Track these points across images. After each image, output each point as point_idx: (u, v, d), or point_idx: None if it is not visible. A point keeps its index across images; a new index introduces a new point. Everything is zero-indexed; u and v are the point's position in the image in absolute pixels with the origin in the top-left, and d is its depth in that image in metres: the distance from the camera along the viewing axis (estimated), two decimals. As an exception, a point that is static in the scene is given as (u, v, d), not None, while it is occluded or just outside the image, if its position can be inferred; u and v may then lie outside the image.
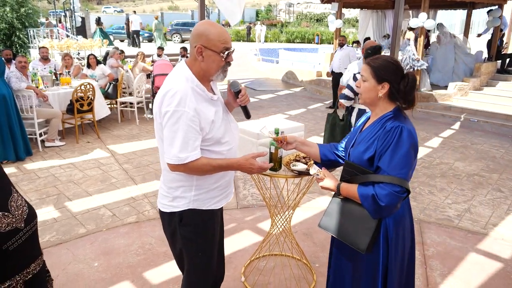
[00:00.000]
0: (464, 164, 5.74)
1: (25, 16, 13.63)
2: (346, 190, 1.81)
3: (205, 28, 1.79)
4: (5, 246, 1.28)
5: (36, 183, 4.70)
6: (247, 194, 4.50)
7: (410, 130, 1.72)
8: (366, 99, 1.86)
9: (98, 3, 46.82)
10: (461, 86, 9.75)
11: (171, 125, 1.74)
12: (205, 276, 2.10)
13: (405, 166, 1.68)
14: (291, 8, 40.49)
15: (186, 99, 1.74)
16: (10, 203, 1.35)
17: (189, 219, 1.95)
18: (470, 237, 3.73)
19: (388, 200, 1.64)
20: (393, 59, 1.83)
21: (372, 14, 13.44)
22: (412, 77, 1.79)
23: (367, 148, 1.77)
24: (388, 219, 1.77)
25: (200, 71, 1.85)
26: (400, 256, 1.82)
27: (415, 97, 1.82)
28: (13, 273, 1.33)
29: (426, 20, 8.83)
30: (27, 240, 1.37)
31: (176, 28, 27.53)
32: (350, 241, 1.82)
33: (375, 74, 1.79)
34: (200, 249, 2.01)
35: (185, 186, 1.91)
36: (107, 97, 7.71)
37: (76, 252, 3.28)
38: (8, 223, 1.31)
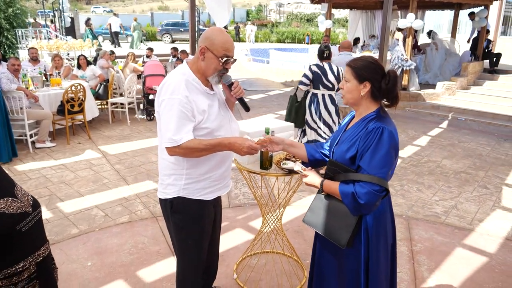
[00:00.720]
0: (451, 162, 5.86)
1: (13, 17, 13.46)
2: (328, 187, 1.88)
3: (213, 33, 1.99)
4: (19, 226, 1.46)
5: (27, 184, 4.70)
6: (239, 193, 4.55)
7: (391, 131, 1.77)
8: (350, 99, 1.92)
9: (87, 3, 46.43)
10: (449, 85, 9.92)
11: (167, 112, 1.90)
12: (193, 262, 2.20)
13: (385, 166, 1.74)
14: (281, 8, 40.61)
15: (180, 88, 1.91)
16: (16, 191, 1.54)
17: (179, 207, 2.07)
18: (456, 233, 3.82)
19: (367, 198, 1.71)
20: (373, 59, 1.89)
21: (361, 15, 13.58)
22: (393, 75, 1.84)
23: (350, 147, 1.83)
24: (369, 216, 1.83)
25: (200, 69, 2.02)
26: (382, 252, 1.88)
27: (398, 94, 1.88)
28: (26, 254, 1.49)
29: (414, 21, 8.96)
30: (35, 224, 1.54)
31: (166, 28, 27.43)
32: (331, 237, 1.90)
33: (356, 75, 1.85)
34: (188, 237, 2.12)
35: (176, 174, 2.04)
36: (98, 98, 7.70)
37: (69, 252, 3.30)
38: (18, 207, 1.49)
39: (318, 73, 4.84)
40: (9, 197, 1.48)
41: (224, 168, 2.16)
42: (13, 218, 1.44)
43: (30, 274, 1.50)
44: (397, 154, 1.83)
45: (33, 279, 1.51)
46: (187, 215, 2.09)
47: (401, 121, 8.28)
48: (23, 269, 1.46)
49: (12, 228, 1.43)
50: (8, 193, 1.49)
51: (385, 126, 1.77)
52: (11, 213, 1.45)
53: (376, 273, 1.86)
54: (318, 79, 4.85)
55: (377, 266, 1.87)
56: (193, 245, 2.16)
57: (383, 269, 1.90)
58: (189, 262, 2.21)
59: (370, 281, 1.86)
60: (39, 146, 6.00)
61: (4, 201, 1.45)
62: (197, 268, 2.25)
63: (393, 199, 4.51)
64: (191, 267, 2.22)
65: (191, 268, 2.23)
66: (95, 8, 41.59)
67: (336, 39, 26.53)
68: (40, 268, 1.54)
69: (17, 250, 1.45)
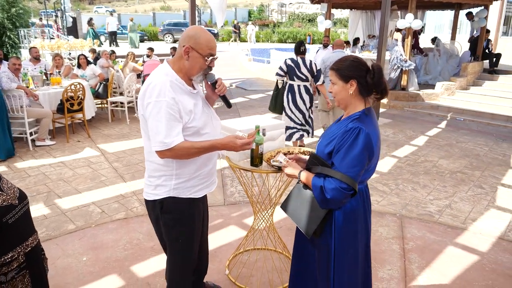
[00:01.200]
0: (448, 161, 5.89)
1: (16, 16, 13.57)
2: (304, 178, 1.95)
3: (196, 32, 1.97)
4: (5, 219, 1.50)
5: (27, 181, 4.76)
6: (234, 191, 4.59)
7: (368, 133, 1.81)
8: (340, 100, 1.97)
9: (90, 3, 46.58)
10: (448, 85, 9.93)
11: (154, 115, 1.88)
12: (186, 262, 2.22)
13: (356, 166, 1.79)
14: (283, 9, 40.62)
15: (165, 90, 1.89)
16: (2, 185, 1.57)
17: (169, 207, 2.07)
18: (449, 232, 3.86)
19: (333, 194, 1.78)
20: (354, 57, 1.94)
21: (361, 15, 13.61)
22: (377, 68, 1.89)
23: (329, 143, 1.89)
24: (338, 211, 1.89)
25: (183, 68, 2.00)
26: (351, 248, 1.93)
27: (386, 86, 1.93)
28: (14, 245, 1.53)
29: (413, 21, 8.98)
30: (22, 215, 1.59)
31: (168, 28, 27.54)
32: (299, 224, 1.98)
33: (340, 76, 1.91)
34: (180, 236, 2.13)
35: (166, 175, 2.04)
36: (98, 96, 7.77)
37: (65, 247, 3.35)
38: (4, 200, 1.53)
39: (292, 66, 5.46)
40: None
41: (211, 165, 2.20)
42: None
43: (20, 264, 1.54)
44: (372, 156, 1.86)
45: (22, 268, 1.56)
46: (178, 215, 2.11)
47: (399, 121, 8.30)
48: (12, 260, 1.51)
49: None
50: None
51: (362, 127, 1.81)
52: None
53: (341, 268, 1.92)
54: (292, 72, 5.47)
55: (342, 262, 1.92)
56: (185, 244, 2.18)
57: (351, 266, 1.95)
58: (181, 261, 2.23)
59: (335, 274, 1.92)
60: (39, 144, 6.06)
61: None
62: (189, 267, 2.28)
63: (388, 198, 4.54)
64: (183, 266, 2.25)
65: (183, 268, 2.25)
66: (97, 8, 41.72)
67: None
68: (29, 258, 1.59)
69: (4, 241, 1.49)
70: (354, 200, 1.89)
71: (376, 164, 1.97)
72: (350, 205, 1.89)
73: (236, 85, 12.29)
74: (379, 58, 7.74)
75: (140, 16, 37.34)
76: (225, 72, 14.66)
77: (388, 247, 3.53)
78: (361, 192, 1.94)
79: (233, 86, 12.26)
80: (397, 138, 7.06)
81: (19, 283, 1.55)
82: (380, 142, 2.00)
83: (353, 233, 1.92)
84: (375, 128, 1.90)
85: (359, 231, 1.94)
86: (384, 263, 3.28)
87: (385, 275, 3.12)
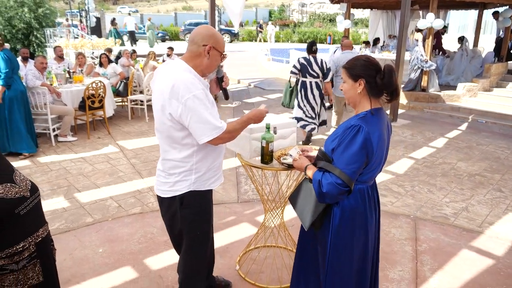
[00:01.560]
0: (466, 164, 5.78)
1: (43, 16, 14.01)
2: (308, 172, 1.99)
3: (214, 32, 2.11)
4: (17, 210, 1.58)
5: (48, 175, 4.93)
6: (248, 189, 4.64)
7: (368, 132, 1.82)
8: (349, 99, 2.00)
9: (114, 3, 47.52)
10: (470, 87, 9.72)
11: (196, 109, 1.94)
12: (201, 256, 2.32)
13: (353, 163, 1.82)
14: (304, 8, 40.44)
15: (196, 84, 1.99)
16: (15, 177, 1.65)
17: (189, 201, 2.17)
18: (464, 235, 3.80)
19: (329, 188, 1.82)
20: (367, 57, 1.96)
21: (382, 15, 13.45)
22: (389, 70, 1.89)
23: (333, 140, 1.93)
24: (336, 208, 1.93)
25: (200, 66, 2.09)
26: (347, 247, 1.95)
27: (398, 88, 1.93)
28: (25, 235, 1.60)
29: (435, 21, 8.83)
30: (33, 207, 1.66)
31: (189, 28, 27.83)
32: (300, 216, 2.05)
33: (350, 74, 1.94)
34: (198, 229, 2.24)
35: (186, 170, 2.13)
36: (118, 95, 7.95)
37: (83, 239, 3.47)
38: (16, 192, 1.60)
39: (304, 65, 5.94)
40: (8, 183, 1.59)
41: (221, 158, 2.32)
42: (12, 203, 1.55)
43: (30, 254, 1.62)
44: (371, 155, 1.86)
45: (33, 258, 1.63)
46: (197, 208, 2.20)
47: (418, 122, 8.19)
48: (23, 249, 1.58)
49: (11, 212, 1.55)
50: (7, 179, 1.61)
51: (363, 125, 1.83)
52: (10, 198, 1.56)
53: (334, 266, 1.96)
54: (304, 70, 5.96)
55: (336, 260, 1.95)
56: (202, 237, 2.27)
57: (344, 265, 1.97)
58: (198, 256, 2.31)
59: (328, 270, 1.96)
60: (61, 140, 6.26)
61: (3, 187, 1.56)
62: (204, 262, 2.37)
63: (402, 200, 4.51)
64: (199, 261, 2.33)
65: (199, 262, 2.34)
66: (121, 8, 42.53)
67: (359, 39, 26.25)
68: (39, 248, 1.66)
69: (17, 232, 1.57)
70: (353, 199, 1.92)
71: (379, 165, 1.97)
72: (349, 203, 1.92)
73: (254, 85, 12.35)
74: (398, 58, 7.65)
75: (162, 16, 37.86)
76: (244, 72, 14.74)
77: (400, 248, 3.50)
78: (362, 192, 1.95)
79: (252, 86, 12.32)
80: (415, 139, 6.97)
81: (30, 271, 1.62)
82: (386, 143, 1.99)
83: (349, 232, 1.94)
84: (379, 128, 1.89)
85: (356, 231, 1.95)
86: (395, 264, 3.26)
87: (395, 276, 3.11)
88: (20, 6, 13.35)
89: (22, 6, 13.38)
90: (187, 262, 2.34)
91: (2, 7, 13.16)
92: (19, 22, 13.28)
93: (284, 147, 2.75)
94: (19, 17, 13.30)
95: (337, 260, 1.96)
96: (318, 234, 2.04)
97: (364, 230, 1.98)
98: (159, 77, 2.09)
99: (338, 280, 1.98)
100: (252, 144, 2.70)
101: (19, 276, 1.59)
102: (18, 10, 13.25)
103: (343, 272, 1.98)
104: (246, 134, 2.67)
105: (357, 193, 1.92)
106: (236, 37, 30.75)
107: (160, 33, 29.00)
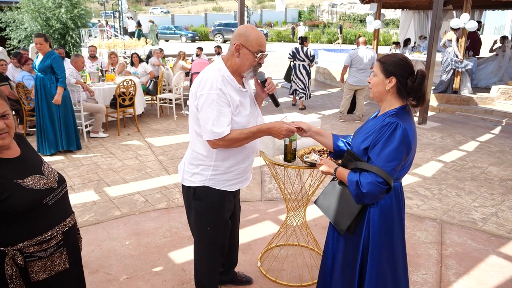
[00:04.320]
0: (498, 168, 5.59)
1: (78, 17, 14.54)
2: (340, 174, 1.95)
3: (246, 30, 2.07)
4: (45, 200, 1.66)
5: (80, 169, 5.14)
6: (272, 188, 4.68)
7: (405, 128, 1.80)
8: (376, 93, 1.97)
9: (146, 4, 48.64)
10: (505, 89, 9.37)
11: (206, 107, 1.99)
12: (211, 252, 2.34)
13: (392, 160, 1.78)
14: (334, 9, 40.07)
15: (217, 83, 2.00)
16: (43, 169, 1.74)
17: (201, 195, 2.20)
18: (493, 240, 3.69)
19: (369, 188, 1.77)
20: (403, 57, 1.92)
21: (413, 15, 13.17)
22: (421, 74, 1.87)
23: (365, 139, 1.89)
24: (374, 208, 1.88)
25: (234, 65, 2.11)
26: (384, 246, 1.90)
27: (425, 94, 1.91)
28: (53, 224, 1.69)
29: (468, 21, 8.57)
30: (61, 198, 1.74)
31: (218, 29, 28.16)
32: (334, 221, 1.99)
33: (383, 69, 1.91)
34: (208, 224, 2.25)
35: (204, 165, 2.16)
36: (148, 93, 8.16)
37: (111, 232, 3.61)
38: (45, 183, 1.69)
39: (294, 52, 8.88)
40: (37, 174, 1.68)
41: (248, 162, 2.28)
42: (40, 193, 1.64)
43: (58, 242, 1.70)
44: (410, 151, 1.85)
45: (60, 246, 1.72)
46: (208, 203, 2.22)
47: (449, 125, 7.98)
48: (51, 237, 1.67)
49: (40, 202, 1.63)
50: (36, 170, 1.70)
51: (400, 122, 1.80)
52: (39, 189, 1.64)
53: (375, 266, 1.90)
54: (295, 55, 8.89)
55: (377, 259, 1.90)
56: (211, 233, 2.30)
57: (385, 263, 1.92)
58: (207, 251, 2.35)
59: (367, 271, 1.90)
60: (93, 136, 6.51)
61: (32, 178, 1.65)
62: (215, 258, 2.39)
63: (429, 203, 4.42)
64: (209, 257, 2.37)
65: (210, 258, 2.37)
66: (153, 9, 43.50)
67: (389, 40, 25.76)
68: (66, 237, 1.75)
69: (45, 221, 1.66)
70: (389, 197, 1.88)
71: (411, 161, 1.95)
72: (385, 202, 1.88)
73: (281, 85, 12.36)
74: (429, 59, 7.48)
75: (192, 16, 38.45)
76: (272, 71, 14.76)
77: (424, 252, 3.45)
78: (396, 190, 1.93)
79: (279, 86, 12.33)
80: (444, 142, 6.80)
81: (57, 258, 1.70)
82: (417, 140, 1.98)
83: (390, 231, 1.90)
84: (412, 124, 1.88)
85: (395, 230, 1.92)
86: (419, 267, 3.22)
87: (419, 279, 3.06)
88: (58, 7, 13.91)
89: (59, 7, 13.93)
90: (197, 257, 2.41)
91: (42, 8, 13.74)
92: (56, 22, 13.84)
93: (307, 146, 2.76)
94: (56, 17, 13.85)
95: (376, 265, 1.90)
96: (348, 236, 1.98)
97: (402, 228, 1.96)
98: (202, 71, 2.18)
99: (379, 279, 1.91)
100: (275, 142, 2.73)
101: (47, 263, 1.67)
102: (55, 11, 13.80)
103: (386, 274, 1.92)
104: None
105: (392, 191, 1.88)
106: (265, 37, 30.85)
107: (190, 33, 29.45)
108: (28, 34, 13.89)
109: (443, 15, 11.42)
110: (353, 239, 1.96)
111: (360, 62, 7.54)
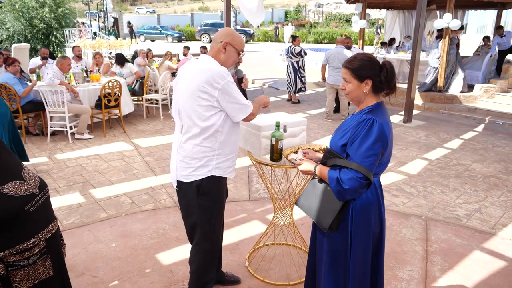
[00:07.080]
0: (481, 165, 5.70)
1: (62, 17, 14.32)
2: (320, 172, 1.98)
3: (233, 31, 2.38)
4: (27, 207, 1.59)
5: (65, 171, 5.07)
6: (259, 188, 4.68)
7: (382, 124, 1.85)
8: (354, 97, 2.01)
9: (132, 4, 48.19)
10: (487, 88, 9.55)
11: (230, 93, 2.20)
12: (214, 242, 2.45)
13: (370, 156, 1.82)
14: (320, 9, 40.28)
15: (225, 71, 2.23)
16: (24, 174, 1.67)
17: (207, 187, 2.29)
18: (476, 236, 3.76)
19: (351, 184, 1.81)
20: (366, 56, 1.96)
21: (398, 15, 13.32)
22: (390, 66, 1.93)
23: (342, 136, 1.94)
24: (355, 203, 1.92)
25: (220, 61, 2.31)
26: (365, 238, 1.96)
27: (396, 83, 1.98)
28: (35, 231, 1.63)
29: (451, 21, 8.71)
30: (43, 204, 1.68)
31: (205, 29, 28.07)
32: (316, 219, 2.02)
33: (355, 75, 1.94)
34: (213, 216, 2.36)
35: (208, 156, 2.27)
36: (134, 94, 8.09)
37: (97, 234, 3.57)
38: (26, 189, 1.61)
39: (287, 50, 9.67)
40: (17, 180, 1.59)
41: (238, 149, 2.47)
42: (21, 200, 1.56)
43: (41, 249, 1.64)
44: (386, 146, 1.89)
45: (43, 253, 1.65)
46: (213, 194, 2.33)
47: (433, 123, 8.09)
48: (34, 245, 1.60)
49: (21, 209, 1.56)
50: (17, 176, 1.61)
51: (376, 118, 1.85)
52: (19, 196, 1.56)
53: (355, 258, 1.96)
54: (287, 53, 9.64)
55: (357, 251, 1.96)
56: (216, 226, 2.40)
57: (365, 254, 1.98)
58: (210, 246, 2.44)
59: (351, 265, 1.95)
60: (78, 138, 6.42)
61: (12, 184, 1.57)
62: (215, 253, 2.52)
63: (414, 200, 4.48)
64: (212, 251, 2.47)
65: (212, 253, 2.47)
66: (138, 9, 43.12)
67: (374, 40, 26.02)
68: (49, 244, 1.68)
69: (27, 229, 1.59)
70: (370, 192, 1.93)
71: (389, 158, 1.98)
72: (366, 196, 1.92)
73: (268, 85, 12.38)
74: (413, 59, 7.58)
75: (178, 16, 38.21)
76: (258, 71, 14.79)
77: (410, 248, 3.49)
78: (375, 185, 1.97)
79: (266, 86, 12.35)
80: (429, 140, 6.90)
81: (40, 266, 1.64)
82: (393, 136, 2.02)
83: (367, 225, 1.95)
84: (388, 120, 1.93)
85: (372, 223, 1.97)
86: (405, 264, 3.26)
87: (404, 276, 3.10)
88: (41, 7, 13.67)
89: (43, 6, 13.69)
90: (199, 253, 2.45)
91: (25, 8, 13.50)
92: (39, 22, 13.60)
93: (294, 145, 2.77)
94: (40, 17, 13.61)
95: (358, 254, 1.95)
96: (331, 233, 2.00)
97: (380, 222, 2.00)
98: (191, 68, 2.27)
99: (360, 273, 1.97)
100: (262, 142, 2.74)
101: (30, 272, 1.61)
102: (39, 10, 13.56)
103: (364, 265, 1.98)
104: (256, 132, 2.71)
105: (372, 186, 1.92)
106: (251, 37, 30.83)
107: (176, 33, 29.27)
108: (11, 34, 13.62)
109: (427, 15, 11.57)
110: (338, 236, 1.98)
111: (334, 61, 7.62)
